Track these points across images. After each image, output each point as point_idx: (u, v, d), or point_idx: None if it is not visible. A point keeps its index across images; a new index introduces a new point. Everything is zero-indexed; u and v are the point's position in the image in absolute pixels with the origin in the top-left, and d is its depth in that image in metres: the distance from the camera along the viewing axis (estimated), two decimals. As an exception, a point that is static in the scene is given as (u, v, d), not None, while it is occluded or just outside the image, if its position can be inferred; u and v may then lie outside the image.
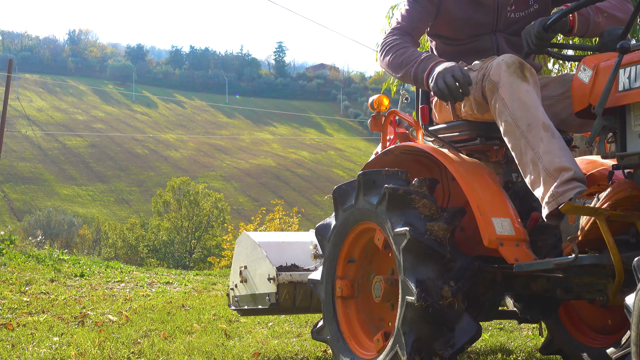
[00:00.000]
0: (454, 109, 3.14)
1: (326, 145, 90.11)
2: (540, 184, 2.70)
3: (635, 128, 2.54)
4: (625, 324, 3.29)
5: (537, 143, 2.71)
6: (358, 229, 3.22)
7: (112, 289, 7.79)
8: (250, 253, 4.34)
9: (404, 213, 2.87)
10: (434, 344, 2.75)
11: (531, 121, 2.74)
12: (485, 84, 2.88)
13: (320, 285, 3.35)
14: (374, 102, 3.65)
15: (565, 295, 2.87)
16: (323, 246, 3.38)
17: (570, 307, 3.53)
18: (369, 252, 3.28)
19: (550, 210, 2.66)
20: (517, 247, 2.76)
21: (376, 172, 3.08)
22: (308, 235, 4.55)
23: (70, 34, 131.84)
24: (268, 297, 4.10)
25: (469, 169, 2.96)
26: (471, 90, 2.93)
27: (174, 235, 38.60)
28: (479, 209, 2.78)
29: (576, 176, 2.66)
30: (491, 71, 2.87)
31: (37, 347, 4.28)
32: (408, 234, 2.78)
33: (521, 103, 2.77)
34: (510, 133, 2.79)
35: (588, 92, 2.65)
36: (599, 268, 2.59)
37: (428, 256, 2.77)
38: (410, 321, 2.75)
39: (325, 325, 3.30)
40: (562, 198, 2.62)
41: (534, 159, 2.72)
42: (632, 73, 2.49)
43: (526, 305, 3.27)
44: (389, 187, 2.93)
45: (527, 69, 2.84)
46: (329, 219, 3.40)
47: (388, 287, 3.05)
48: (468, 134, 3.15)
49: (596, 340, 3.42)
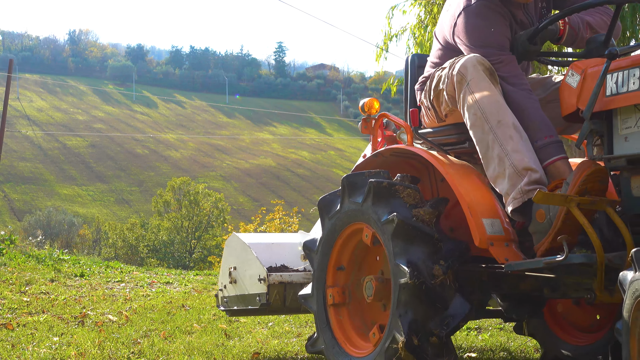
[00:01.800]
0: (436, 112, 3.22)
1: (326, 145, 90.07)
2: (505, 179, 2.81)
3: (622, 131, 2.62)
4: (607, 323, 3.37)
5: (507, 140, 2.82)
6: (345, 233, 3.28)
7: (112, 289, 7.80)
8: (240, 254, 4.38)
9: (389, 203, 2.96)
10: (429, 324, 2.81)
11: (502, 118, 2.85)
12: (454, 74, 2.99)
13: (312, 298, 3.39)
14: (365, 105, 3.70)
15: (552, 294, 2.94)
16: (311, 259, 3.42)
17: (554, 306, 3.60)
18: (357, 257, 3.34)
19: (516, 206, 2.78)
20: (507, 247, 2.83)
21: (359, 174, 3.18)
22: (297, 236, 4.61)
23: (70, 34, 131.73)
24: (258, 297, 4.15)
25: (459, 170, 3.03)
26: (443, 85, 3.05)
27: (174, 235, 38.57)
28: (470, 210, 2.85)
29: (542, 179, 2.77)
30: (460, 64, 2.97)
31: (37, 347, 4.30)
32: (395, 219, 2.86)
33: (492, 100, 2.88)
34: (478, 127, 2.90)
35: (576, 97, 2.73)
36: (587, 266, 2.66)
37: (417, 238, 2.86)
38: (405, 303, 2.82)
39: (319, 335, 3.33)
40: (528, 195, 2.75)
41: (501, 154, 2.82)
42: (619, 78, 2.57)
43: (512, 304, 3.33)
44: (373, 181, 3.02)
45: (494, 73, 2.95)
46: (315, 232, 3.47)
47: (379, 284, 3.11)
48: (457, 137, 3.23)
49: (578, 338, 3.50)
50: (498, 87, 2.93)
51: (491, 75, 2.94)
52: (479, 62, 2.95)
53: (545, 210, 2.64)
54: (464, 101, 2.95)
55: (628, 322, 2.02)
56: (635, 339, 2.02)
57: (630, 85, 2.55)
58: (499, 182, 2.86)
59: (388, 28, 10.09)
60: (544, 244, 2.66)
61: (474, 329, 5.32)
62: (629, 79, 2.55)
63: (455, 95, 3.02)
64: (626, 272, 2.07)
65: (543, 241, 2.66)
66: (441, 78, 3.14)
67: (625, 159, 2.59)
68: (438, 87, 3.15)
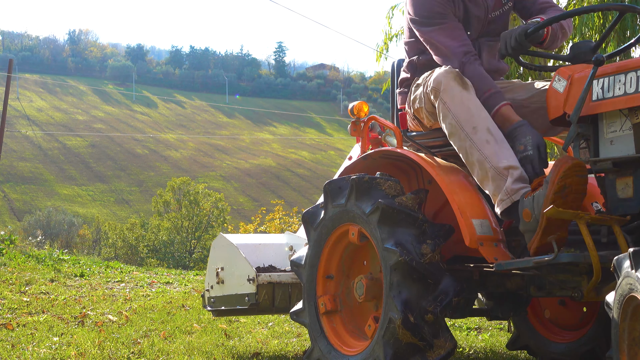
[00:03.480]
0: (420, 122, 3.32)
1: (326, 145, 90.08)
2: (489, 182, 2.90)
3: (607, 135, 2.70)
4: (589, 320, 3.44)
5: (483, 145, 2.92)
6: (332, 240, 3.33)
7: (112, 289, 7.83)
8: (228, 255, 4.42)
9: (372, 196, 3.05)
10: (423, 302, 2.88)
11: (476, 124, 2.95)
12: (428, 91, 3.08)
13: (304, 312, 3.43)
14: (354, 108, 3.76)
15: (538, 293, 3.02)
16: (300, 274, 3.47)
17: (537, 305, 3.67)
18: (345, 265, 3.39)
19: (504, 207, 2.86)
20: (496, 247, 2.90)
21: (341, 179, 3.25)
22: (283, 237, 4.67)
23: (70, 34, 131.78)
24: (247, 297, 4.20)
25: (448, 172, 3.11)
26: (421, 104, 3.16)
27: (174, 235, 38.60)
28: (460, 211, 2.92)
29: (522, 174, 2.86)
30: (432, 79, 3.07)
31: (37, 347, 4.32)
32: (380, 206, 2.95)
33: (464, 107, 2.97)
34: (455, 135, 3.00)
35: (563, 101, 2.80)
36: (575, 265, 2.73)
37: (402, 221, 2.95)
38: (398, 284, 2.89)
39: (315, 345, 3.35)
40: (516, 195, 2.82)
41: (480, 159, 2.92)
42: (605, 84, 2.65)
43: (497, 303, 3.39)
44: (355, 178, 3.11)
45: (465, 80, 3.04)
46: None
47: (369, 282, 3.17)
48: (444, 139, 3.30)
49: (560, 335, 3.56)
50: (471, 93, 3.01)
51: (462, 82, 3.02)
52: (448, 72, 3.04)
53: (531, 209, 2.72)
54: (440, 112, 3.05)
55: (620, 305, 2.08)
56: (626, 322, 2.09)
57: (615, 90, 2.62)
58: (485, 184, 2.95)
59: (388, 28, 10.10)
60: (535, 241, 2.72)
61: (474, 329, 5.34)
62: (615, 85, 2.62)
63: (434, 111, 3.11)
64: (621, 257, 2.11)
65: (533, 239, 2.73)
66: (417, 97, 3.24)
67: (611, 161, 2.67)
68: (416, 105, 3.25)
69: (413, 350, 2.89)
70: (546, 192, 2.64)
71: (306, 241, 3.54)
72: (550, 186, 2.64)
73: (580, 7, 7.31)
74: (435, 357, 2.87)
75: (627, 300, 2.06)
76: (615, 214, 2.68)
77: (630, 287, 2.02)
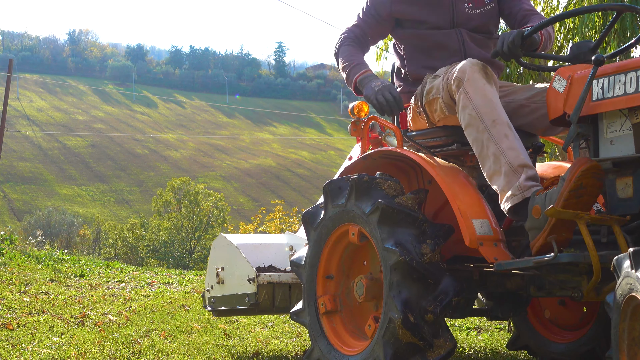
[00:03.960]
0: (428, 117, 3.30)
1: (326, 145, 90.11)
2: (501, 176, 2.89)
3: (607, 135, 2.70)
4: (589, 320, 3.45)
5: (502, 139, 2.91)
6: (332, 240, 3.33)
7: (112, 289, 7.83)
8: (228, 255, 4.42)
9: (372, 196, 3.04)
10: (422, 301, 2.88)
11: (496, 118, 2.93)
12: (451, 81, 3.08)
13: (304, 312, 3.43)
14: (354, 108, 3.76)
15: (538, 293, 3.02)
16: (300, 275, 3.47)
17: (537, 305, 3.68)
18: (345, 265, 3.39)
19: (515, 202, 2.85)
20: (496, 247, 2.90)
21: (340, 179, 3.25)
22: (284, 237, 4.68)
23: (70, 34, 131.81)
24: (247, 297, 4.20)
25: (448, 172, 3.10)
26: (438, 94, 3.17)
27: (174, 235, 38.62)
28: (460, 211, 2.92)
29: (535, 175, 2.87)
30: (457, 69, 3.06)
31: (37, 347, 4.32)
32: (380, 206, 2.95)
33: (487, 100, 2.96)
34: (473, 126, 2.97)
35: (563, 101, 2.80)
36: (574, 265, 2.73)
37: (402, 221, 2.95)
38: (398, 284, 2.89)
39: (315, 346, 3.35)
40: (527, 192, 2.82)
41: (496, 152, 2.90)
42: (605, 84, 2.66)
43: (497, 303, 3.39)
44: (354, 178, 3.11)
45: (490, 73, 3.04)
46: (302, 251, 3.53)
47: (369, 282, 3.17)
48: (444, 139, 3.30)
49: (560, 335, 3.57)
50: (494, 88, 3.01)
51: (486, 75, 3.01)
52: (474, 63, 3.03)
53: (542, 206, 2.71)
54: (460, 102, 3.02)
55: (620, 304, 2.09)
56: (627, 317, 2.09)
57: (615, 90, 2.62)
58: (494, 179, 2.92)
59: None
60: (539, 239, 2.72)
61: (474, 329, 5.33)
62: (615, 85, 2.63)
63: (453, 102, 3.09)
64: (621, 257, 2.12)
65: (538, 237, 2.72)
66: (434, 86, 3.21)
67: (611, 161, 2.67)
68: (431, 96, 3.23)
69: (413, 350, 2.89)
70: (561, 189, 2.63)
71: (306, 241, 3.54)
72: (567, 184, 2.62)
73: (580, 7, 7.32)
74: (435, 357, 2.88)
75: (627, 300, 2.06)
76: (615, 214, 2.68)
77: (630, 287, 2.02)
